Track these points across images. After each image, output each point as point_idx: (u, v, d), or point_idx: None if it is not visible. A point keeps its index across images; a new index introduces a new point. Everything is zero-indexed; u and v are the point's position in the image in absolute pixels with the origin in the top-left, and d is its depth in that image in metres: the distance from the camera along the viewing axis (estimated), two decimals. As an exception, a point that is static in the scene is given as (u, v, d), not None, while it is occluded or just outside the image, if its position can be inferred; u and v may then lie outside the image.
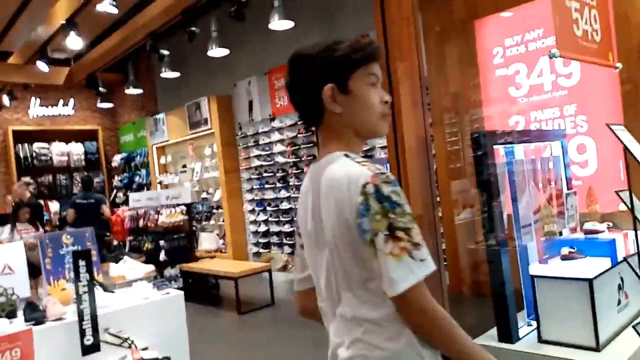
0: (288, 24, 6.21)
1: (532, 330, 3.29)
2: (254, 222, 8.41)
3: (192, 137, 9.42)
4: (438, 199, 5.81)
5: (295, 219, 1.40)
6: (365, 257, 1.11)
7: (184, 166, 9.91)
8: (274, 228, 8.06)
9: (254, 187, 8.34)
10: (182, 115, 9.42)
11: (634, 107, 3.92)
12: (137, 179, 11.11)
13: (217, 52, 7.25)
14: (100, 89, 9.78)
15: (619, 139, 2.66)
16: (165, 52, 7.06)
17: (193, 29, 6.10)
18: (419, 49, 3.56)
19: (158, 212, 6.47)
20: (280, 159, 7.82)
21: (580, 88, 4.12)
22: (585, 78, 4.08)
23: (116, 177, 11.85)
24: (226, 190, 8.65)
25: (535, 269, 3.28)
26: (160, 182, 10.42)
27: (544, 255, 3.43)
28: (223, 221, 8.82)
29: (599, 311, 2.98)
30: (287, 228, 7.81)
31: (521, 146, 3.73)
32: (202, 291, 6.35)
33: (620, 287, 3.12)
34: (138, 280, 3.04)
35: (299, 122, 7.46)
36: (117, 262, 3.36)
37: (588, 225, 3.46)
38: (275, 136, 7.87)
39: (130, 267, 3.23)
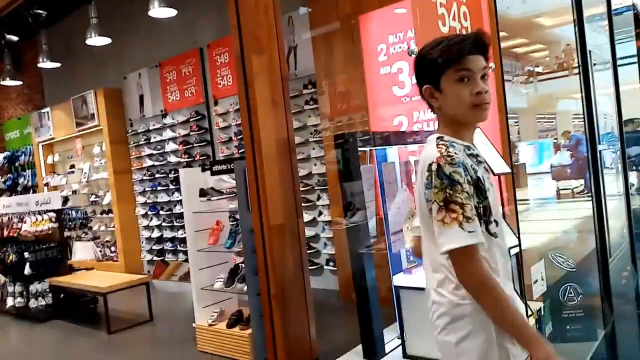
0: (171, 12, 5.70)
1: (399, 345, 3.09)
2: (147, 227, 7.78)
3: (79, 134, 8.58)
4: (326, 202, 5.57)
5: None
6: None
7: (72, 166, 9.03)
8: (168, 234, 7.49)
9: (147, 189, 7.70)
10: (69, 109, 8.55)
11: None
12: (21, 180, 10.01)
13: (97, 40, 6.56)
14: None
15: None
16: (14, 38, 6.21)
17: (39, 11, 5.38)
18: (280, 41, 3.24)
19: (21, 220, 5.71)
20: (173, 159, 7.25)
21: (459, 88, 4.01)
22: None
23: (0, 179, 10.63)
24: (116, 193, 7.93)
25: (399, 279, 3.08)
26: (47, 184, 9.44)
27: (411, 264, 3.24)
28: (114, 227, 8.10)
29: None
30: (181, 234, 7.27)
31: (395, 148, 3.53)
32: (77, 307, 5.68)
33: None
34: None
35: (191, 119, 6.96)
36: None
37: (457, 232, 3.32)
38: (167, 134, 7.29)
39: None
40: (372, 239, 3.21)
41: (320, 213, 5.68)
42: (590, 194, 3.49)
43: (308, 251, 5.76)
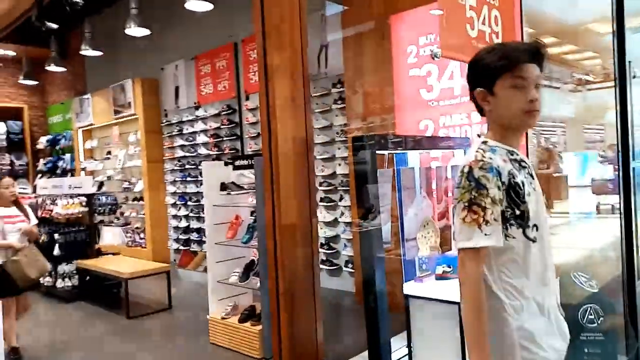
0: (207, 6, 5.78)
1: (406, 355, 3.04)
2: (176, 216, 7.95)
3: (117, 122, 8.84)
4: (348, 203, 5.53)
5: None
6: None
7: (109, 153, 9.31)
8: (194, 224, 7.62)
9: (177, 179, 7.86)
10: (108, 97, 8.83)
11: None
12: (61, 163, 10.41)
13: (136, 31, 6.72)
14: None
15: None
16: (54, 26, 6.38)
17: (77, 0, 5.53)
18: (304, 38, 3.22)
19: (54, 202, 5.92)
20: (203, 151, 7.37)
21: (488, 94, 3.89)
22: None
23: (41, 161, 11.08)
24: (148, 181, 8.13)
25: (409, 287, 3.02)
26: (84, 168, 9.77)
27: (424, 272, 3.18)
28: (144, 214, 8.30)
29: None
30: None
31: (416, 153, 3.47)
32: (101, 290, 5.86)
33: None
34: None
35: (222, 113, 7.05)
36: None
37: (473, 243, 3.23)
38: (199, 126, 7.41)
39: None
40: (385, 244, 3.16)
41: (342, 214, 5.65)
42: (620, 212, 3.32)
43: (328, 251, 5.74)
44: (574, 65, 4.27)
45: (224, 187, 4.10)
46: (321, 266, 5.79)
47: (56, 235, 5.81)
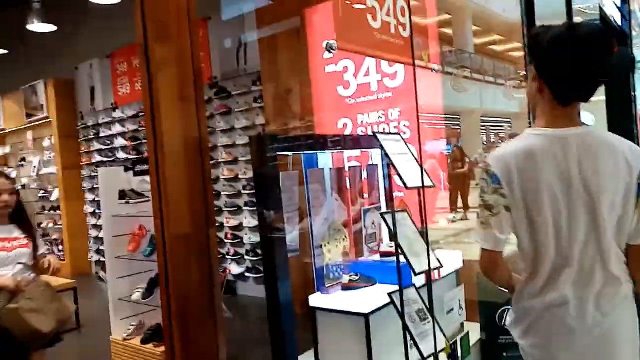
0: (113, -1, 5.35)
1: (314, 373, 2.80)
2: (96, 226, 7.40)
3: (30, 126, 8.15)
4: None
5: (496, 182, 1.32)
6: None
7: (23, 159, 8.60)
8: (115, 233, 7.12)
9: (95, 186, 7.32)
10: (19, 99, 8.14)
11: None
12: (-29, 172, 9.53)
13: (40, 27, 6.18)
14: None
15: (384, 150, 2.23)
16: None
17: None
18: (193, 29, 2.91)
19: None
20: (121, 155, 6.90)
21: (404, 90, 3.73)
22: (409, 79, 3.70)
23: (-50, 170, 10.13)
24: (64, 189, 7.54)
25: (315, 299, 2.79)
26: (-4, 177, 8.98)
27: (331, 282, 2.95)
28: (62, 225, 7.69)
29: (381, 349, 2.53)
30: (129, 233, 6.91)
31: (327, 153, 3.24)
32: (5, 311, 5.29)
33: (419, 317, 2.69)
34: None
35: (140, 114, 6.60)
36: None
37: (384, 247, 3.04)
38: (117, 128, 6.93)
39: None
40: (293, 252, 2.92)
41: (267, 218, 5.37)
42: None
43: (254, 258, 5.46)
44: (519, 63, 4.23)
45: (122, 195, 3.73)
46: (247, 274, 5.50)
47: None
